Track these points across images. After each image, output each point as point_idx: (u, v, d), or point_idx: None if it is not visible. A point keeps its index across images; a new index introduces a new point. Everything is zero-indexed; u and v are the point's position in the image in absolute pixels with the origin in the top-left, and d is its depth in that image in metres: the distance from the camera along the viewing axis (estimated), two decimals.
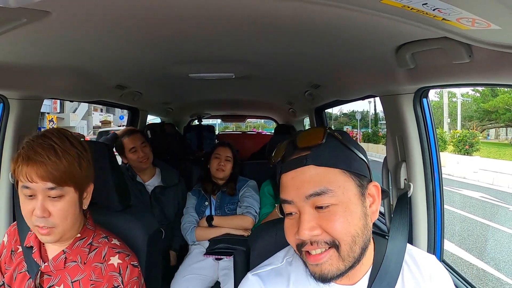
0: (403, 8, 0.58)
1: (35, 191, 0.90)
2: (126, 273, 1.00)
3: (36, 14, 0.78)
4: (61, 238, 0.96)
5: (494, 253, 5.19)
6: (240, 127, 19.14)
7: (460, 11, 0.57)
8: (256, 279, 0.82)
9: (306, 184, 0.71)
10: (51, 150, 0.91)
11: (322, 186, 0.70)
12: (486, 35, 0.68)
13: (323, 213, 0.70)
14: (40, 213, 0.90)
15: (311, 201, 0.70)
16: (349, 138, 0.78)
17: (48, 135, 0.93)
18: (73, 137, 0.98)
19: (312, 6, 0.75)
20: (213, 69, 1.69)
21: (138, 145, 2.23)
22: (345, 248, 0.70)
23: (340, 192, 0.70)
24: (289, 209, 0.74)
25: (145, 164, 2.26)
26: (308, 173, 0.72)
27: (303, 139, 0.75)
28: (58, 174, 0.90)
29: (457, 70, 0.96)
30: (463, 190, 9.18)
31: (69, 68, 1.43)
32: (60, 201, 0.92)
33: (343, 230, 0.70)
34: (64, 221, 0.94)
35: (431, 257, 0.85)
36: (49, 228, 0.92)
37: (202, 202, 2.19)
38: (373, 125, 29.58)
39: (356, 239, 0.71)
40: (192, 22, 0.96)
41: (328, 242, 0.70)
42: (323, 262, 0.71)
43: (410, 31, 0.86)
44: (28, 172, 0.89)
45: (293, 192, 0.72)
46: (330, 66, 1.48)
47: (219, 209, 2.17)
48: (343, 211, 0.70)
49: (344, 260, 0.71)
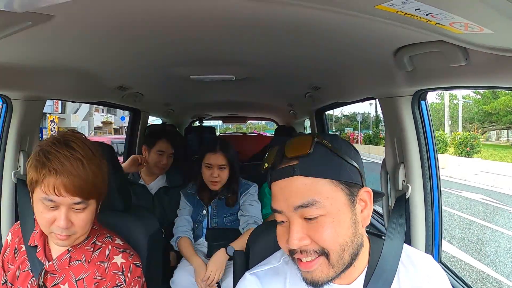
0: (397, 13, 0.59)
1: (59, 204, 0.90)
2: (129, 273, 1.01)
3: (40, 17, 0.80)
4: (75, 242, 0.99)
5: (494, 255, 5.18)
6: (241, 128, 19.14)
7: (453, 16, 0.58)
8: (253, 279, 0.83)
9: (293, 195, 0.71)
10: (79, 163, 0.89)
11: (309, 198, 0.70)
12: (480, 39, 0.70)
13: (311, 223, 0.71)
14: (64, 225, 0.90)
15: (299, 212, 0.71)
16: (340, 143, 0.76)
17: (73, 146, 0.91)
18: (90, 143, 0.96)
19: (311, 10, 0.76)
20: (214, 71, 1.71)
21: (167, 153, 2.18)
22: (334, 256, 0.71)
23: (328, 203, 0.70)
24: (280, 218, 0.75)
25: (159, 171, 2.21)
26: (296, 184, 0.71)
27: (291, 148, 0.74)
28: (86, 188, 0.90)
29: (454, 73, 0.97)
30: (464, 192, 9.17)
31: (72, 69, 1.44)
32: (83, 212, 0.93)
33: (331, 240, 0.70)
34: (84, 229, 0.96)
35: (428, 257, 0.86)
36: (68, 236, 0.93)
37: (199, 211, 1.94)
38: (374, 127, 29.55)
39: (345, 247, 0.72)
40: (193, 24, 0.98)
41: (317, 251, 0.71)
42: (314, 269, 0.72)
43: (407, 34, 0.88)
44: (56, 186, 0.87)
45: (282, 202, 0.73)
46: (330, 68, 1.50)
47: (216, 218, 1.93)
48: (331, 221, 0.70)
49: (334, 267, 0.72)
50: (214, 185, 1.85)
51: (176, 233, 1.89)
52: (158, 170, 2.20)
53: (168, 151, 2.17)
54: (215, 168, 1.83)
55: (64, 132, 0.97)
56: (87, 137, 1.00)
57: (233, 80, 1.83)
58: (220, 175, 1.83)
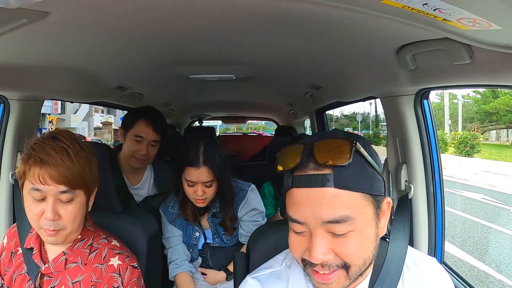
0: (403, 8, 0.57)
1: (46, 194, 0.90)
2: (126, 274, 1.00)
3: (35, 14, 0.78)
4: (65, 240, 0.96)
5: (495, 255, 5.17)
6: (241, 128, 19.15)
7: (461, 11, 0.56)
8: (255, 282, 0.81)
9: (324, 208, 0.64)
10: (64, 153, 0.90)
11: (342, 213, 0.63)
12: (487, 36, 0.68)
13: (339, 238, 0.65)
14: (51, 216, 0.89)
15: (327, 226, 0.64)
16: (372, 151, 0.69)
17: (59, 137, 0.92)
18: (81, 140, 0.97)
19: (313, 6, 0.75)
20: (213, 70, 1.69)
21: (148, 140, 1.66)
22: (355, 270, 0.68)
23: (360, 219, 0.65)
24: (299, 228, 0.67)
25: (137, 164, 1.69)
26: (328, 195, 0.63)
27: (324, 154, 0.65)
28: (72, 177, 0.90)
29: (458, 71, 0.96)
30: (464, 192, 9.17)
31: (70, 69, 1.43)
32: (71, 204, 0.92)
33: (356, 256, 0.67)
34: (73, 224, 0.94)
35: (432, 260, 0.84)
36: (56, 230, 0.92)
37: (191, 233, 1.55)
38: (374, 127, 29.60)
39: (367, 261, 0.69)
40: (192, 23, 0.97)
41: (339, 265, 0.67)
42: (331, 282, 0.68)
43: (411, 32, 0.86)
44: (41, 175, 0.88)
45: (307, 213, 0.65)
46: (331, 67, 1.48)
47: (217, 237, 1.56)
48: (359, 238, 0.66)
49: (350, 279, 0.69)
50: (199, 203, 1.43)
51: (172, 268, 1.54)
52: (136, 162, 1.68)
53: (149, 137, 1.66)
54: (199, 185, 1.39)
55: (54, 130, 0.98)
56: (87, 138, 0.99)
57: (233, 79, 1.81)
58: (206, 192, 1.41)
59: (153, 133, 1.67)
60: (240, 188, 1.55)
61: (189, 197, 1.43)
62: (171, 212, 1.53)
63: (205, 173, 1.37)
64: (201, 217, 1.53)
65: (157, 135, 1.68)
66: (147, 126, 1.66)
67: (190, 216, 1.49)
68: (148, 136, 1.66)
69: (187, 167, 1.38)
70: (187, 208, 1.48)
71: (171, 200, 1.54)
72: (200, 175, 1.37)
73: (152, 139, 1.67)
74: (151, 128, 1.66)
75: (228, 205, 1.49)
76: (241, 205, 1.51)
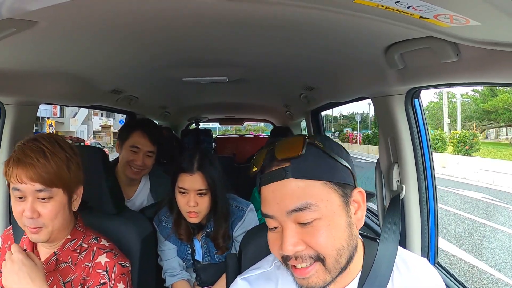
0: (378, 7, 0.57)
1: (25, 193, 0.93)
2: (113, 272, 1.01)
3: (23, 23, 0.80)
4: (50, 238, 0.98)
5: (494, 254, 5.17)
6: (240, 130, 19.14)
7: (435, 8, 0.56)
8: (244, 284, 0.82)
9: (286, 199, 0.68)
10: (40, 152, 0.93)
11: (303, 201, 0.67)
12: (468, 32, 0.68)
13: (306, 228, 0.68)
14: (29, 214, 0.92)
15: (293, 216, 0.68)
16: (332, 144, 0.74)
17: (39, 139, 0.96)
18: (64, 141, 1.00)
19: (296, 9, 0.75)
20: (206, 73, 1.70)
21: (144, 150, 1.69)
22: (331, 261, 0.69)
23: (323, 206, 0.68)
24: (272, 223, 0.72)
25: (132, 175, 1.70)
26: (289, 186, 0.68)
27: (281, 150, 0.71)
28: (47, 176, 0.93)
29: (446, 70, 0.96)
30: (463, 191, 9.16)
31: (64, 74, 1.43)
32: (49, 203, 0.95)
33: (327, 245, 0.68)
34: (53, 222, 0.96)
35: (423, 260, 0.84)
36: (38, 228, 0.95)
37: (185, 250, 1.52)
38: (373, 127, 29.59)
39: (342, 251, 0.70)
40: (185, 25, 0.97)
41: (312, 256, 0.69)
42: (310, 276, 0.69)
43: (396, 31, 0.87)
44: (18, 174, 0.92)
45: (274, 207, 0.70)
46: (323, 68, 1.49)
47: (208, 255, 1.51)
48: (327, 225, 0.68)
49: (330, 272, 0.70)
50: (191, 217, 1.37)
51: (168, 277, 1.52)
52: (132, 173, 1.69)
53: (145, 147, 1.68)
54: (192, 194, 1.34)
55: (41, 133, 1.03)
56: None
57: (227, 81, 1.82)
58: (199, 204, 1.35)
59: (149, 144, 1.70)
60: (239, 208, 1.48)
61: (182, 210, 1.38)
62: (165, 227, 1.49)
63: (199, 180, 1.34)
64: (195, 236, 1.50)
65: (152, 145, 1.71)
66: (143, 136, 1.69)
67: (183, 235, 1.46)
68: (144, 146, 1.69)
69: (180, 174, 1.35)
70: (180, 227, 1.45)
71: (164, 214, 1.50)
72: (194, 181, 1.33)
73: (148, 149, 1.70)
74: (147, 138, 1.70)
75: (221, 221, 1.43)
76: (237, 225, 1.46)
